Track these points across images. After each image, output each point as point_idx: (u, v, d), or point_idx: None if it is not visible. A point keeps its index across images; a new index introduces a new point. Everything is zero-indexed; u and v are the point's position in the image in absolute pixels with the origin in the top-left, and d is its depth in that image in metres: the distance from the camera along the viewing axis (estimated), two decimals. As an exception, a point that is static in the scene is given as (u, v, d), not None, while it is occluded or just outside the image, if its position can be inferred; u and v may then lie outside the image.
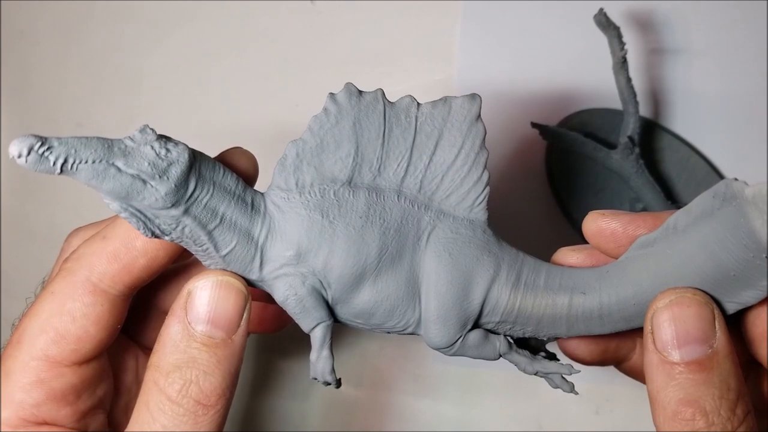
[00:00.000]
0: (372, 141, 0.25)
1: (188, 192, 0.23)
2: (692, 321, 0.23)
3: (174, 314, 0.24)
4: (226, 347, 0.24)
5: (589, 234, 0.26)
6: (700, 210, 0.24)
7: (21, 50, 0.50)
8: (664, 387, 0.23)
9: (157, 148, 0.23)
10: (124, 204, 0.23)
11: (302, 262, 0.25)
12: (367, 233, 0.25)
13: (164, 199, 0.23)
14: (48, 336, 0.26)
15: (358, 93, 0.25)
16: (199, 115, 0.47)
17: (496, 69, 0.44)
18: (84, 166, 0.22)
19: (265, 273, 0.25)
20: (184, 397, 0.24)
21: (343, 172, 0.25)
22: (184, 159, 0.23)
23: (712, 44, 0.42)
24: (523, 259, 0.27)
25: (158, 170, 0.23)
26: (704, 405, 0.22)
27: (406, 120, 0.25)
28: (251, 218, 0.25)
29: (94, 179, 0.22)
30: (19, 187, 0.50)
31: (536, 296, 0.26)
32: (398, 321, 0.26)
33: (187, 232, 0.24)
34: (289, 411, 0.45)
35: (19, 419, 0.26)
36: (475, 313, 0.26)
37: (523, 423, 0.43)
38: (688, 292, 0.24)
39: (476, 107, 0.26)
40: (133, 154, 0.22)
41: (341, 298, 0.26)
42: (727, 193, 0.23)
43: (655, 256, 0.25)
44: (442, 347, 0.26)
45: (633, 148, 0.39)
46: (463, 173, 0.26)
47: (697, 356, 0.23)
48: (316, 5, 0.46)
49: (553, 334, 0.27)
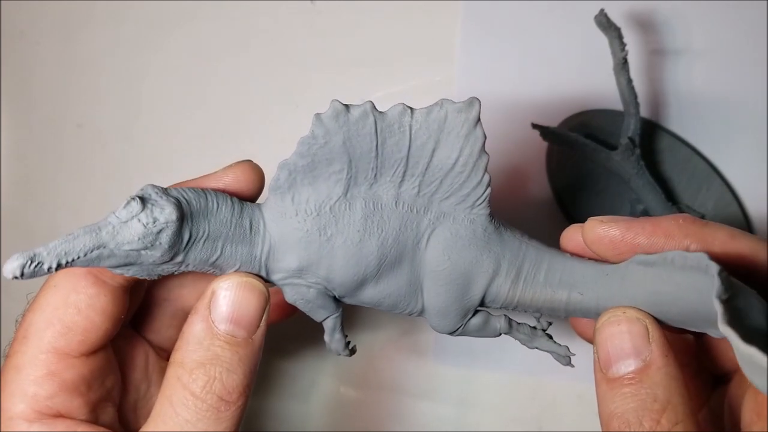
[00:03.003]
0: (365, 154, 0.25)
1: (184, 242, 0.24)
2: (625, 337, 0.24)
3: (198, 313, 0.25)
4: (247, 346, 0.25)
5: (589, 241, 0.27)
6: (695, 263, 0.24)
7: (21, 50, 0.50)
8: (601, 401, 0.24)
9: (144, 220, 0.23)
10: (125, 269, 0.24)
11: (305, 274, 0.26)
12: (365, 246, 0.25)
13: (161, 258, 0.24)
14: (55, 329, 0.26)
15: (345, 110, 0.24)
16: (199, 115, 0.47)
17: (497, 70, 0.43)
18: (78, 261, 0.23)
19: (272, 280, 0.27)
20: (208, 393, 0.24)
21: (338, 185, 0.25)
22: (173, 221, 0.24)
23: (713, 45, 0.41)
24: (525, 252, 0.27)
25: (149, 241, 0.23)
26: (628, 417, 0.23)
27: (399, 130, 0.24)
28: (251, 241, 0.26)
29: (91, 264, 0.23)
30: (19, 187, 0.50)
31: (535, 291, 0.27)
32: (403, 309, 0.27)
33: (191, 268, 0.25)
34: (289, 411, 0.45)
35: (35, 412, 0.26)
36: (475, 304, 0.27)
37: (524, 424, 0.43)
38: (619, 310, 0.25)
39: (474, 113, 0.24)
40: (121, 233, 0.23)
41: (346, 295, 0.27)
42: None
43: (653, 278, 0.25)
44: (445, 333, 0.28)
45: (634, 149, 0.39)
46: (463, 178, 0.25)
47: (630, 370, 0.24)
48: (316, 5, 0.46)
49: (553, 318, 0.28)
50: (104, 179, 0.48)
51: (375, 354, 0.45)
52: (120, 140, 0.48)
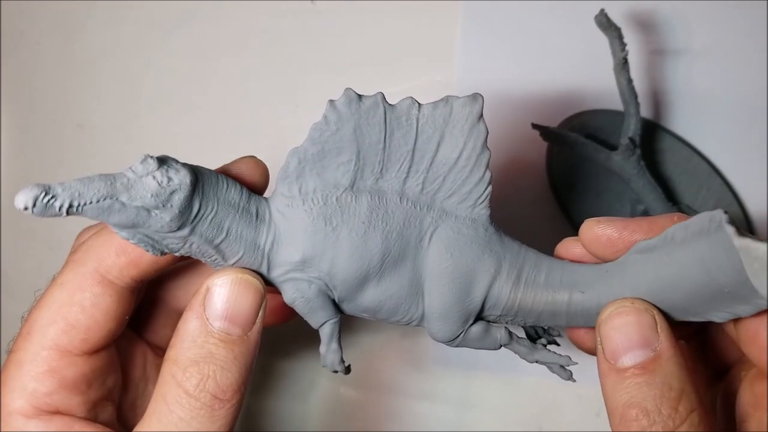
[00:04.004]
0: (373, 145, 0.25)
1: (193, 213, 0.24)
2: (633, 328, 0.24)
3: (192, 309, 0.25)
4: (242, 343, 0.25)
5: (586, 241, 0.27)
6: (697, 228, 0.24)
7: (21, 50, 0.50)
8: (612, 393, 0.24)
9: (158, 177, 0.23)
10: (132, 232, 0.24)
11: (308, 267, 0.26)
12: (369, 238, 0.26)
13: (169, 224, 0.24)
14: (58, 326, 0.27)
15: (357, 98, 0.25)
16: (199, 115, 0.47)
17: (497, 70, 0.43)
18: (89, 206, 0.23)
19: (273, 276, 0.26)
20: (202, 391, 0.24)
21: (346, 177, 0.26)
22: (186, 185, 0.24)
23: (713, 45, 0.41)
24: (525, 255, 0.27)
25: (161, 200, 0.23)
26: (646, 405, 0.23)
27: (407, 122, 0.25)
28: (256, 228, 0.25)
29: (100, 216, 0.23)
30: (19, 187, 0.50)
31: (536, 293, 0.27)
32: (403, 316, 0.27)
33: (195, 248, 0.25)
34: (288, 412, 0.45)
35: (33, 408, 0.26)
36: (476, 309, 0.27)
37: (524, 425, 0.43)
38: (627, 301, 0.25)
39: (478, 107, 0.25)
40: (135, 187, 0.23)
41: (347, 297, 0.26)
42: (723, 220, 0.23)
43: (654, 264, 0.25)
44: (445, 341, 0.27)
45: (634, 150, 0.39)
46: (465, 174, 0.26)
47: (640, 360, 0.24)
48: (316, 5, 0.46)
49: (554, 325, 0.28)
50: (104, 179, 0.48)
51: (375, 355, 0.45)
52: (120, 140, 0.48)
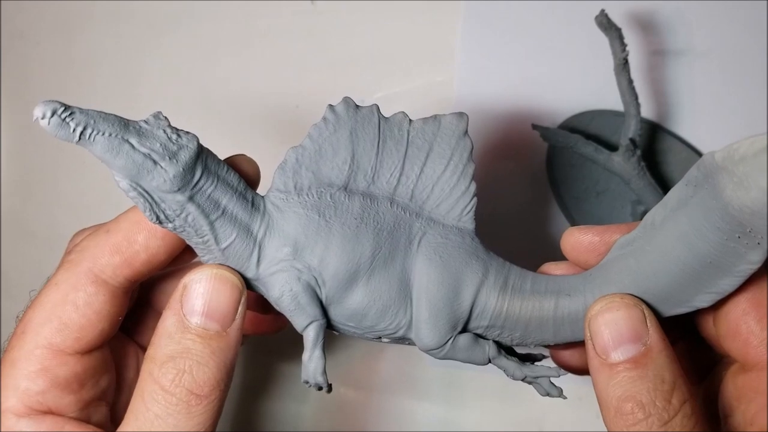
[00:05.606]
0: (367, 150, 0.27)
1: (194, 179, 0.24)
2: (623, 322, 0.25)
3: (170, 307, 0.25)
4: (220, 339, 0.25)
5: (568, 249, 0.28)
6: (675, 201, 0.24)
7: (21, 50, 0.50)
8: (605, 387, 0.24)
9: (169, 132, 0.24)
10: (134, 183, 0.24)
11: (299, 257, 0.26)
12: (361, 233, 0.26)
13: (172, 181, 0.24)
14: (52, 325, 0.27)
15: (355, 106, 0.27)
16: (199, 115, 0.47)
17: (497, 70, 0.43)
18: (101, 138, 0.23)
19: (261, 269, 0.26)
20: (177, 386, 0.24)
21: (340, 177, 0.27)
22: (193, 146, 0.24)
23: (714, 45, 0.41)
24: (510, 266, 0.28)
25: (169, 152, 0.24)
26: (641, 398, 0.24)
27: (399, 133, 0.27)
28: (251, 214, 0.26)
29: (108, 152, 0.23)
30: (19, 187, 0.50)
31: (523, 299, 0.27)
32: (390, 322, 0.27)
33: (190, 220, 0.25)
34: (285, 413, 0.45)
35: (25, 407, 0.26)
36: (464, 314, 0.27)
37: (524, 426, 0.43)
38: (616, 296, 0.25)
39: (464, 124, 0.27)
40: (146, 135, 0.24)
41: (335, 297, 0.26)
42: (698, 176, 0.23)
43: (635, 254, 0.25)
44: (433, 348, 0.27)
45: (634, 150, 0.39)
46: (452, 183, 0.27)
47: (631, 354, 0.24)
48: (317, 6, 0.46)
49: (541, 339, 0.28)
50: (104, 179, 0.48)
51: (373, 355, 0.45)
52: (120, 140, 0.48)
